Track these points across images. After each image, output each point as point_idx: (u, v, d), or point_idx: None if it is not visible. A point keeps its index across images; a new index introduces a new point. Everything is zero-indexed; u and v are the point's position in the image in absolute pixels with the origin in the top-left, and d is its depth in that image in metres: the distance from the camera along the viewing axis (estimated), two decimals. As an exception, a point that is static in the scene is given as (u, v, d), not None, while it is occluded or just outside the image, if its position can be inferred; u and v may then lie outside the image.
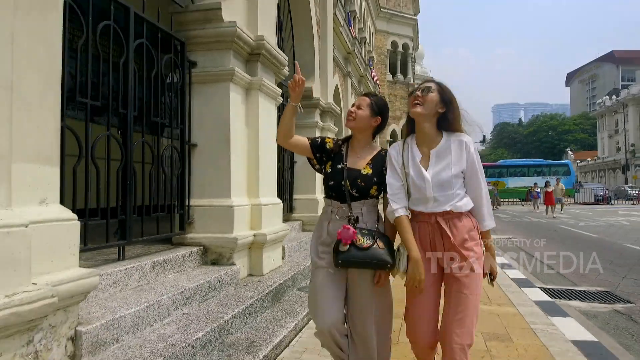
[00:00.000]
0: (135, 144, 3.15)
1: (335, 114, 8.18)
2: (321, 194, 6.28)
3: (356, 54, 14.80)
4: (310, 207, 6.89)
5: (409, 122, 2.06)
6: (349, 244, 1.90)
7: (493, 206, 23.60)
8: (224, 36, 3.74)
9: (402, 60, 26.11)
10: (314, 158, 2.17)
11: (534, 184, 24.47)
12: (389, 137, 24.34)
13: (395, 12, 25.18)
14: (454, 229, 1.90)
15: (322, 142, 2.17)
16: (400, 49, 25.65)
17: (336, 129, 8.44)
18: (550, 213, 17.76)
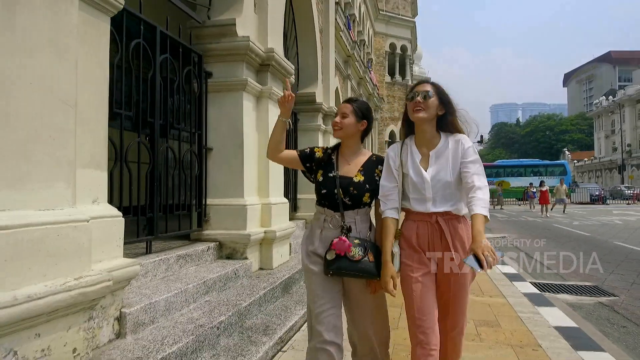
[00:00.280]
0: (160, 149, 3.48)
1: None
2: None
3: (355, 57, 15.11)
4: (313, 207, 7.14)
5: (405, 124, 2.08)
6: (340, 255, 1.91)
7: (497, 206, 23.54)
8: (237, 49, 4.08)
9: (401, 61, 26.44)
10: (305, 168, 2.17)
11: (529, 184, 24.84)
12: (387, 138, 24.66)
13: (393, 14, 25.51)
14: (453, 230, 1.93)
15: (311, 152, 2.16)
16: (398, 50, 25.98)
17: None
18: (545, 212, 18.01)
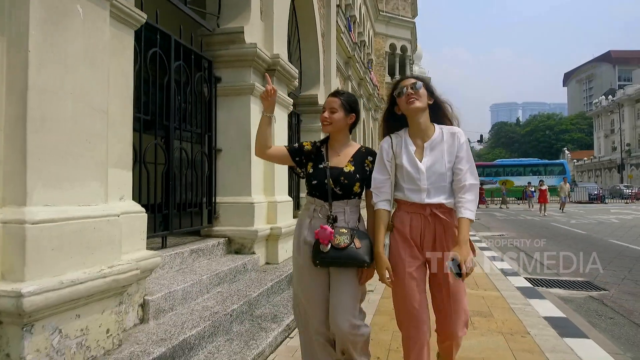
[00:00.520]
0: (175, 150, 3.71)
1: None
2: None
3: (356, 58, 15.32)
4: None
5: (387, 123, 2.11)
6: (327, 244, 1.93)
7: (502, 206, 23.49)
8: (245, 55, 4.32)
9: (401, 62, 26.67)
10: (294, 163, 2.16)
11: (527, 183, 25.03)
12: (387, 138, 24.84)
13: (393, 15, 25.72)
14: (446, 222, 1.95)
15: (300, 146, 2.18)
16: (398, 51, 26.20)
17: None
18: (543, 211, 18.19)
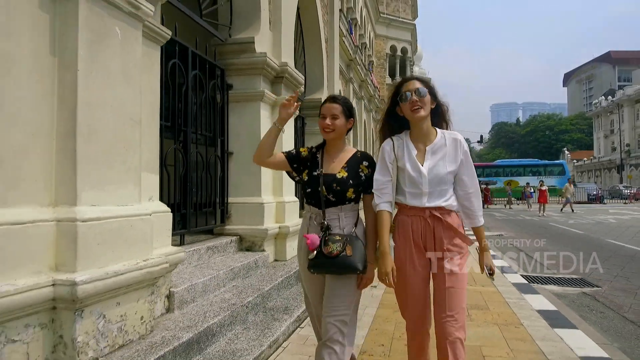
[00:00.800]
0: (191, 154, 3.97)
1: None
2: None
3: (357, 60, 15.57)
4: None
5: (387, 124, 2.12)
6: (315, 252, 1.95)
7: (507, 205, 23.42)
8: (256, 64, 4.58)
9: (401, 63, 26.92)
10: (292, 170, 2.17)
11: (526, 183, 25.22)
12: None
13: (394, 17, 25.97)
14: (445, 224, 1.97)
15: (297, 152, 2.18)
16: (399, 52, 26.44)
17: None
18: (542, 211, 18.39)
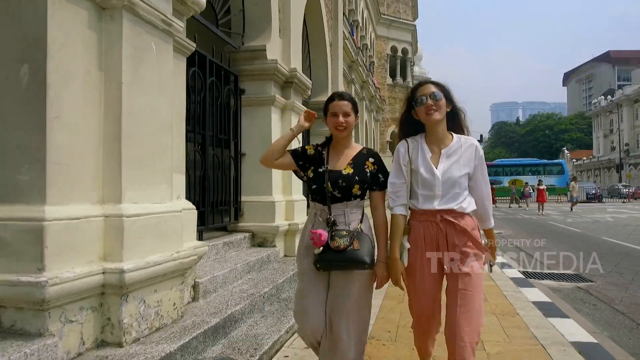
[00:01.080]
0: (209, 156, 4.24)
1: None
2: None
3: (359, 62, 15.82)
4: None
5: (404, 126, 2.12)
6: (321, 247, 1.93)
7: (512, 204, 23.35)
8: (267, 70, 4.86)
9: (402, 64, 27.18)
10: (298, 167, 2.16)
11: (525, 183, 25.45)
12: (389, 138, 25.39)
13: (394, 18, 26.24)
14: (458, 227, 1.95)
15: (303, 150, 2.17)
16: (399, 53, 26.70)
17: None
18: (541, 210, 18.62)
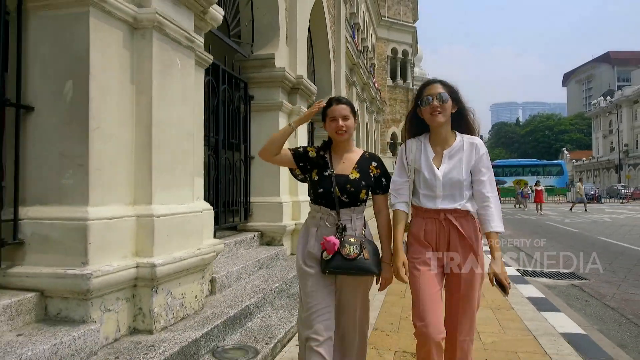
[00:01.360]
0: (221, 160, 4.49)
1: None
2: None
3: (360, 64, 16.07)
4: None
5: (411, 124, 2.11)
6: (332, 254, 1.92)
7: (517, 205, 23.11)
8: (275, 78, 5.11)
9: (402, 65, 27.42)
10: (297, 168, 2.13)
11: (524, 183, 25.69)
12: (389, 139, 25.65)
13: (395, 20, 26.49)
14: (460, 227, 1.96)
15: (305, 151, 2.14)
16: (400, 55, 26.95)
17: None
18: (540, 211, 18.86)
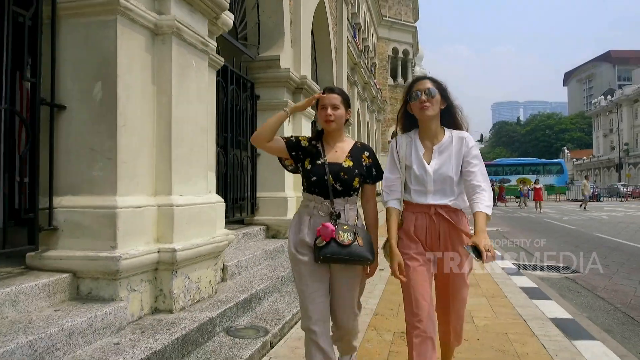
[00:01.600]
0: (230, 156, 4.74)
1: (350, 124, 9.88)
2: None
3: (361, 64, 16.30)
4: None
5: (402, 120, 2.14)
6: (327, 241, 1.92)
7: (520, 205, 23.18)
8: (280, 78, 5.36)
9: (403, 65, 27.62)
10: (290, 157, 2.12)
11: (522, 182, 25.82)
12: (390, 138, 25.85)
13: (396, 20, 26.68)
14: (451, 223, 1.98)
15: (297, 140, 2.13)
16: (400, 54, 27.15)
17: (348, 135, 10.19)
18: (539, 209, 19.05)
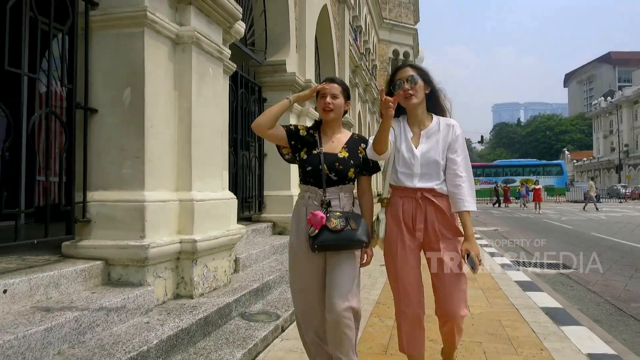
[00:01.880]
0: (239, 157, 4.99)
1: (351, 124, 10.12)
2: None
3: (363, 66, 16.57)
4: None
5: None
6: (318, 229, 1.91)
7: (522, 206, 23.36)
8: (286, 82, 5.62)
9: (403, 67, 27.82)
10: (289, 146, 2.12)
11: (520, 183, 26.06)
12: (391, 139, 26.04)
13: (396, 22, 26.95)
14: (437, 206, 2.02)
15: (296, 129, 2.13)
16: (401, 57, 27.38)
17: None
18: (538, 209, 19.27)
